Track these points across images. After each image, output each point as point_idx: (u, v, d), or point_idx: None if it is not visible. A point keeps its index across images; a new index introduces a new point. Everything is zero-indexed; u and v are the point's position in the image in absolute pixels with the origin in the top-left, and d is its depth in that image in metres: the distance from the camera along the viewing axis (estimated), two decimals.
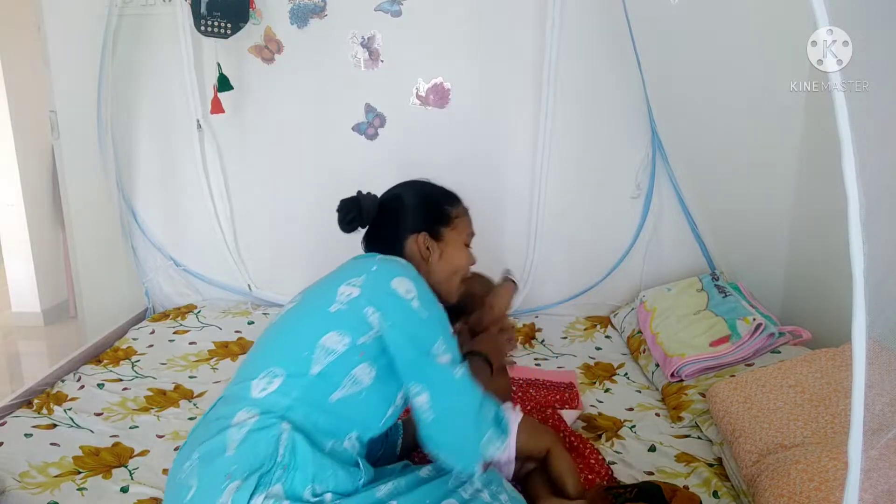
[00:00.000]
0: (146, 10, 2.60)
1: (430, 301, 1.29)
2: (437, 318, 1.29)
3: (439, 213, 1.47)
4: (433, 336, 1.25)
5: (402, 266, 1.32)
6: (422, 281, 1.31)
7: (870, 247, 0.84)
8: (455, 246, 1.46)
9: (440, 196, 1.50)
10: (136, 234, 2.86)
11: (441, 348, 1.25)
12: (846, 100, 0.86)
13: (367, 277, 1.28)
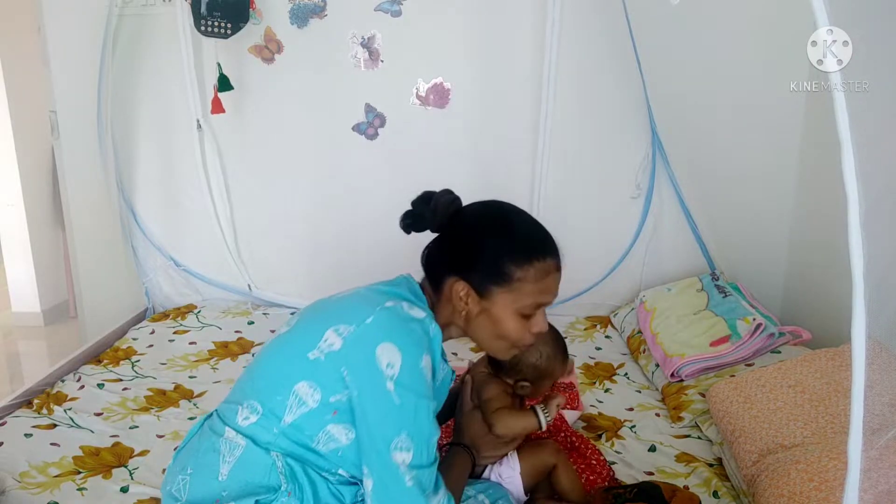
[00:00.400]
0: (146, 10, 2.60)
1: (414, 384, 1.08)
2: (412, 408, 1.08)
3: (496, 266, 1.16)
4: (398, 427, 1.07)
5: (403, 326, 1.11)
6: (416, 355, 1.09)
7: (869, 247, 0.84)
8: (505, 311, 1.17)
9: (510, 243, 1.17)
10: (136, 234, 2.86)
11: (403, 443, 1.06)
12: (846, 100, 0.86)
13: (355, 330, 1.11)
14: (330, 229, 2.77)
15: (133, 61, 2.68)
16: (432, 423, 1.10)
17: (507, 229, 1.18)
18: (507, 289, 1.15)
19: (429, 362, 1.11)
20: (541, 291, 1.16)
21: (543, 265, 1.16)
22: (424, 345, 1.11)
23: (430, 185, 2.95)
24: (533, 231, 1.20)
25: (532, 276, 1.15)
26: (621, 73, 2.48)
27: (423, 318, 1.15)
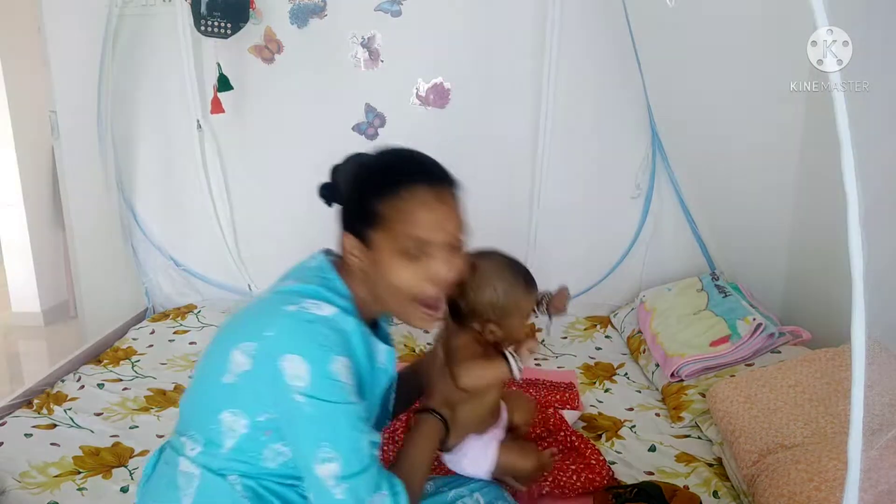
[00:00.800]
0: (146, 10, 2.60)
1: (327, 391, 0.98)
2: (328, 418, 0.98)
3: (362, 205, 1.05)
4: (317, 440, 0.98)
5: (306, 332, 1.00)
6: (324, 361, 0.98)
7: (869, 247, 0.84)
8: (389, 256, 1.03)
9: (375, 176, 1.07)
10: (136, 234, 2.86)
11: (326, 455, 0.98)
12: (846, 100, 0.86)
13: (258, 347, 1.01)
14: (330, 229, 2.76)
15: (133, 61, 2.68)
16: (358, 426, 1.00)
17: (375, 162, 1.11)
18: (383, 229, 1.03)
19: (344, 363, 1.00)
20: (418, 225, 1.02)
21: (414, 193, 1.02)
22: (335, 345, 1.00)
23: None
24: (402, 160, 1.09)
25: (403, 208, 1.02)
26: (621, 73, 2.48)
27: (332, 314, 1.03)
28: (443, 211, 1.04)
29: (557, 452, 1.38)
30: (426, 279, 1.04)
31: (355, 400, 1.01)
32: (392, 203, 1.02)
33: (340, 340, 1.02)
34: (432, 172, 1.07)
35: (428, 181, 1.05)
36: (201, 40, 2.57)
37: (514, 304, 1.25)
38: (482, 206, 2.83)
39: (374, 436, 1.04)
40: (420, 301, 1.06)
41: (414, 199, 1.02)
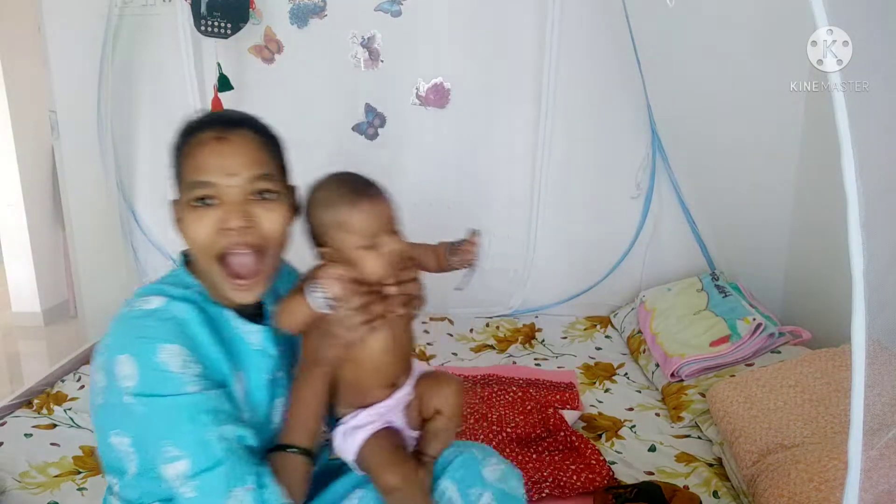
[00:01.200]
0: (146, 10, 2.60)
1: (157, 385, 0.91)
2: (164, 414, 0.91)
3: (173, 165, 1.01)
4: (157, 440, 0.92)
5: (132, 328, 0.95)
6: (150, 353, 0.92)
7: (869, 247, 0.84)
8: (183, 210, 0.98)
9: (179, 133, 1.02)
10: (136, 234, 2.86)
11: (171, 454, 0.91)
12: (846, 100, 0.86)
13: (102, 360, 0.96)
14: None
15: (133, 61, 2.68)
16: (200, 419, 0.92)
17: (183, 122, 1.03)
18: (179, 182, 0.99)
19: (174, 350, 0.92)
20: (195, 168, 0.96)
21: (197, 138, 0.98)
22: (161, 334, 0.93)
23: (429, 185, 2.97)
24: (200, 113, 1.03)
25: (187, 154, 0.98)
26: (621, 73, 2.48)
27: (159, 305, 0.97)
28: (224, 149, 0.96)
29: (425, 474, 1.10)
30: (216, 230, 0.96)
31: (195, 390, 0.92)
32: (182, 151, 0.99)
33: (169, 328, 0.95)
34: (223, 116, 1.02)
35: (214, 124, 0.98)
36: (201, 40, 2.57)
37: (334, 219, 1.03)
38: (482, 205, 2.87)
39: (231, 427, 0.94)
40: (220, 260, 0.97)
41: (195, 142, 0.97)
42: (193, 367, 0.94)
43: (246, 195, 0.96)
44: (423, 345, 2.50)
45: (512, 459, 1.72)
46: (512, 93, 2.61)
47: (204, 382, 0.94)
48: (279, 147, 1.04)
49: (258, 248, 0.98)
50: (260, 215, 0.97)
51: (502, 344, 2.52)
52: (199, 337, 0.98)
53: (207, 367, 0.96)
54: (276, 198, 0.99)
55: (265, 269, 0.99)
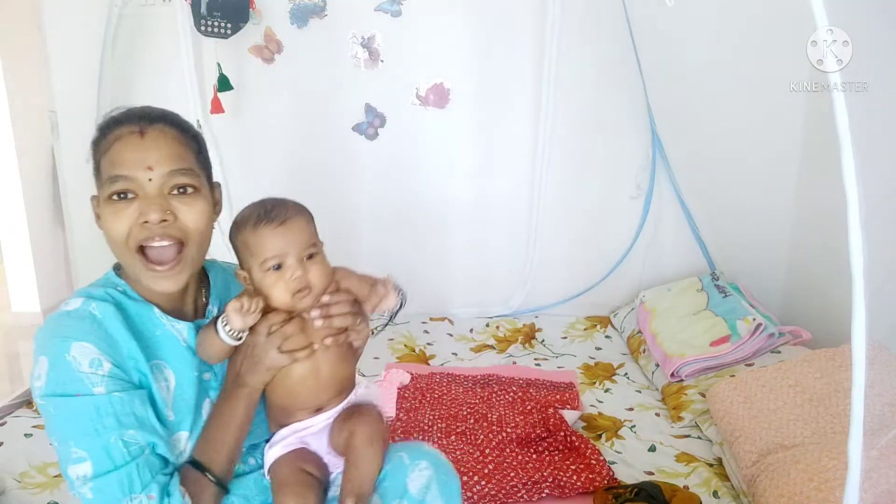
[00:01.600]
0: (146, 10, 2.60)
1: (64, 384, 0.91)
2: (66, 414, 0.91)
3: (93, 160, 1.01)
4: (63, 440, 0.92)
5: (50, 330, 0.95)
6: (60, 352, 0.92)
7: (869, 247, 0.84)
8: (101, 204, 0.98)
9: (99, 128, 1.01)
10: None
11: (75, 455, 0.91)
12: (846, 100, 0.86)
13: (33, 353, 0.97)
14: (329, 229, 2.76)
15: (133, 61, 2.68)
16: (105, 421, 0.91)
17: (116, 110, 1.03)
18: (98, 177, 0.99)
19: (86, 347, 0.92)
20: (112, 162, 0.96)
21: (113, 134, 0.98)
22: (73, 332, 0.93)
23: (429, 185, 2.97)
24: (120, 109, 1.02)
25: (104, 148, 0.98)
26: (621, 74, 2.48)
27: (78, 305, 0.97)
28: (142, 144, 0.96)
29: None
30: (134, 223, 0.96)
31: (101, 391, 0.92)
32: (101, 146, 0.98)
33: (83, 325, 0.95)
34: (143, 112, 1.00)
35: (132, 119, 0.98)
36: (201, 40, 2.57)
37: (242, 241, 1.04)
38: (481, 205, 2.86)
39: (138, 433, 0.93)
40: (139, 251, 0.97)
41: (112, 137, 0.97)
42: (104, 365, 0.93)
43: (164, 189, 0.97)
44: (424, 345, 2.50)
45: (512, 459, 1.72)
46: (512, 93, 2.61)
47: (113, 383, 0.93)
48: (199, 143, 1.05)
49: (178, 241, 0.98)
50: (179, 209, 0.98)
51: (502, 344, 2.52)
52: (116, 333, 0.97)
53: (121, 364, 0.96)
54: (195, 192, 1.00)
55: (185, 259, 0.99)
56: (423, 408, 2.03)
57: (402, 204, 2.75)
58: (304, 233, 1.05)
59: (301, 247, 1.04)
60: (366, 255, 2.75)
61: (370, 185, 2.73)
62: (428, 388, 2.14)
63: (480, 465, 1.71)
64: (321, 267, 1.05)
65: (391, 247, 2.78)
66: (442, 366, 2.35)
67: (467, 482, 1.64)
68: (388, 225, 2.77)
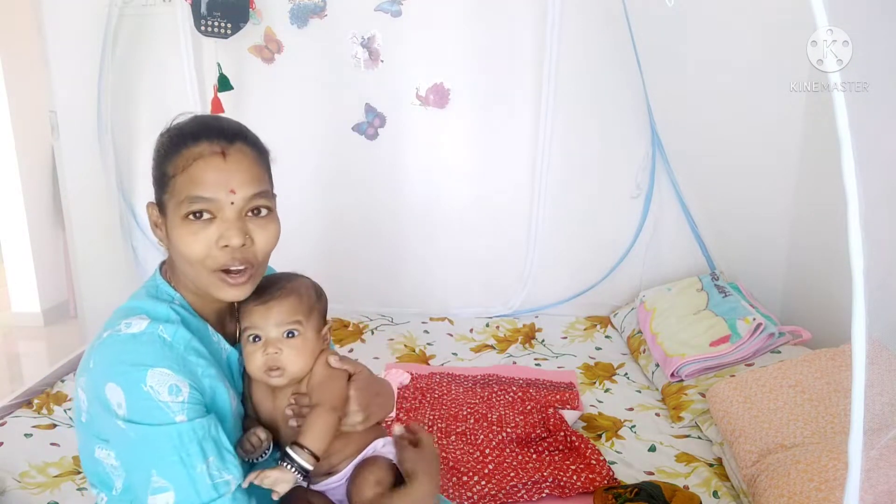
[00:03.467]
0: (146, 10, 2.60)
1: (144, 414, 0.89)
2: (151, 443, 0.89)
3: (159, 169, 1.00)
4: (146, 469, 0.90)
5: (119, 355, 0.93)
6: (137, 381, 0.90)
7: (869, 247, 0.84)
8: (174, 219, 0.97)
9: (166, 137, 1.01)
10: (136, 234, 2.86)
11: (157, 485, 0.89)
12: (846, 100, 0.86)
13: (87, 381, 0.95)
14: (329, 229, 2.77)
15: (133, 61, 2.68)
16: (189, 450, 0.89)
17: (169, 128, 1.02)
18: (170, 190, 0.97)
19: (163, 373, 0.90)
20: (194, 182, 0.94)
21: (191, 151, 0.96)
22: (149, 358, 0.91)
23: (429, 185, 2.97)
24: (191, 121, 1.01)
25: (181, 167, 0.96)
26: (621, 73, 2.48)
27: (144, 328, 0.95)
28: (226, 166, 0.95)
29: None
30: (213, 245, 0.95)
31: (183, 419, 0.90)
32: (176, 160, 0.97)
33: (155, 351, 0.93)
34: (221, 127, 0.99)
35: (213, 136, 0.96)
36: (201, 40, 2.57)
37: (236, 308, 1.05)
38: (481, 205, 2.86)
39: (221, 463, 0.92)
40: (212, 269, 0.96)
41: (193, 152, 0.95)
42: (183, 391, 0.91)
43: (243, 212, 0.97)
44: (424, 345, 2.50)
45: (512, 459, 1.72)
46: (512, 93, 2.61)
47: (193, 410, 0.91)
48: (269, 160, 1.06)
49: (252, 263, 0.98)
50: (255, 231, 0.97)
51: (502, 344, 2.52)
52: (188, 354, 0.96)
53: (198, 385, 0.94)
54: (269, 214, 1.00)
55: (256, 275, 1.00)
56: (423, 408, 2.03)
57: (402, 204, 2.75)
58: (287, 313, 1.02)
59: (280, 325, 1.02)
60: (366, 256, 2.76)
61: (370, 185, 2.73)
62: (428, 388, 2.14)
63: (480, 465, 1.71)
64: (298, 350, 1.02)
65: (391, 247, 2.78)
66: (442, 366, 2.35)
67: (467, 482, 1.64)
68: (388, 225, 2.77)
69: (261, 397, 1.06)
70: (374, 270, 2.80)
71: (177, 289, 1.03)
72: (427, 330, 2.62)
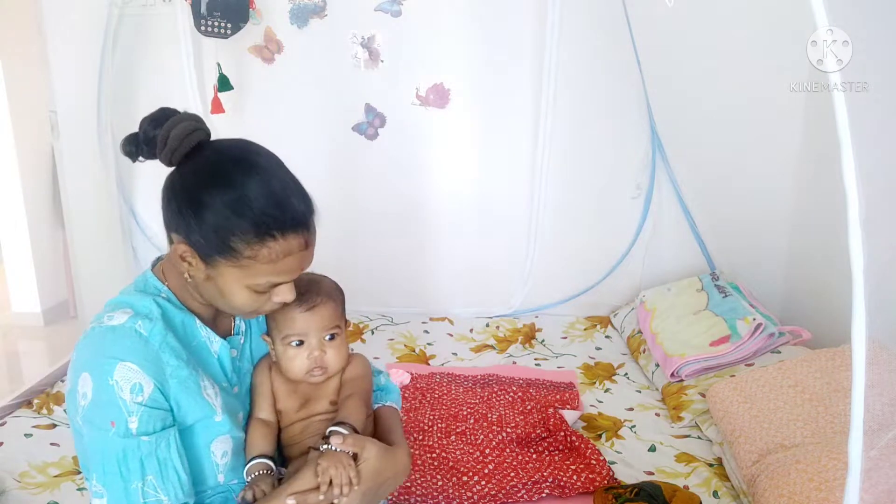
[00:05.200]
0: (146, 10, 2.60)
1: (100, 415, 0.90)
2: (98, 447, 0.90)
3: (220, 238, 0.92)
4: (91, 467, 0.91)
5: (96, 346, 0.93)
6: (105, 373, 0.90)
7: (869, 247, 0.84)
8: (234, 286, 0.96)
9: (239, 215, 0.92)
10: (136, 234, 2.86)
11: (96, 487, 0.90)
12: (846, 100, 0.86)
13: (70, 372, 0.96)
14: (329, 229, 2.76)
15: (133, 61, 2.68)
16: (130, 463, 0.90)
17: (238, 194, 0.92)
18: (235, 264, 0.93)
19: (129, 371, 0.90)
20: (276, 273, 0.95)
21: (280, 246, 0.93)
22: (120, 352, 0.91)
23: (429, 185, 2.96)
24: (271, 202, 0.94)
25: (265, 258, 0.93)
26: (621, 73, 2.48)
27: (124, 321, 0.94)
28: (307, 254, 1.00)
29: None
30: (268, 302, 0.99)
31: (136, 427, 0.90)
32: (256, 247, 0.93)
33: (128, 343, 0.93)
34: (304, 219, 0.99)
35: (297, 233, 0.96)
36: (201, 40, 2.57)
37: (270, 315, 1.08)
38: (481, 206, 2.86)
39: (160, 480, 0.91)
40: (259, 313, 1.03)
41: (280, 251, 0.94)
42: (145, 391, 0.91)
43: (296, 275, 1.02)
44: (424, 345, 2.50)
45: (512, 459, 1.72)
46: (512, 93, 2.61)
47: (147, 415, 0.91)
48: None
49: None
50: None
51: (502, 344, 2.52)
52: (163, 351, 0.95)
53: (163, 384, 0.94)
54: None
55: None
56: (423, 408, 2.03)
57: (402, 204, 2.75)
58: (328, 317, 1.09)
59: (323, 329, 1.08)
60: (366, 256, 2.76)
61: (370, 185, 2.73)
62: (428, 388, 2.14)
63: (480, 465, 1.71)
64: (339, 351, 1.10)
65: (391, 247, 2.78)
66: (442, 366, 2.35)
67: (467, 482, 1.64)
68: (388, 225, 2.77)
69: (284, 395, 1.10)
70: (374, 270, 2.80)
71: (168, 285, 1.02)
72: (427, 330, 2.62)
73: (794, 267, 2.54)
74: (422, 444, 1.82)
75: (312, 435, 1.09)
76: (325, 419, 1.09)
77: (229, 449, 1.02)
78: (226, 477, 1.02)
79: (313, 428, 1.09)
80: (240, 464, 1.04)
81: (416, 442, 1.83)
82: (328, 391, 1.11)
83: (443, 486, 1.63)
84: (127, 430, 0.90)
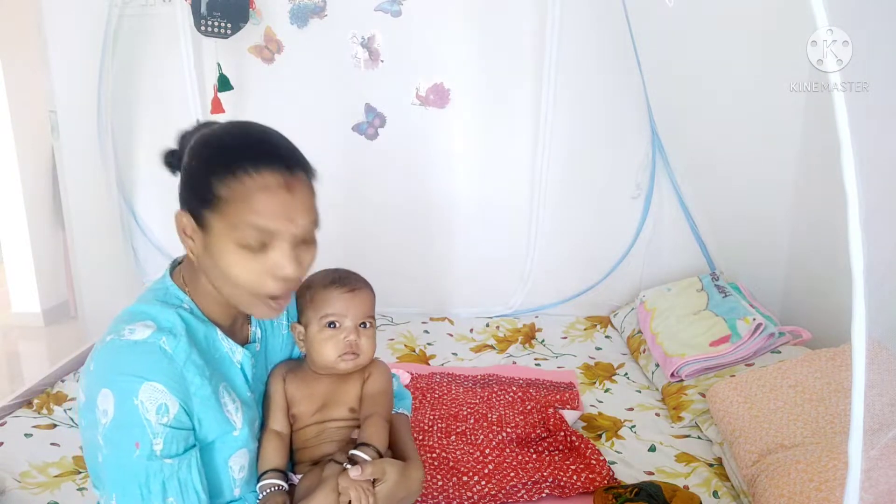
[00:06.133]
0: (146, 10, 2.60)
1: (123, 434, 0.88)
2: (119, 467, 0.89)
3: (201, 182, 0.92)
4: (111, 486, 0.90)
5: (116, 362, 0.91)
6: (129, 392, 0.88)
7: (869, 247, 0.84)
8: (225, 244, 0.92)
9: (215, 151, 0.93)
10: (136, 234, 2.86)
11: None
12: (846, 100, 0.86)
13: (86, 383, 0.93)
14: (330, 229, 2.77)
15: (133, 61, 2.68)
16: (150, 485, 0.88)
17: (216, 137, 0.94)
18: (221, 212, 0.90)
19: (155, 391, 0.89)
20: (257, 213, 0.89)
21: (255, 182, 0.89)
22: (145, 371, 0.89)
23: (429, 185, 2.96)
24: (246, 140, 0.94)
25: (244, 192, 0.89)
26: (621, 74, 2.48)
27: (146, 336, 0.92)
28: (290, 199, 0.92)
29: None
30: (266, 274, 0.93)
31: (161, 448, 0.89)
32: (232, 185, 0.89)
33: (152, 361, 0.90)
34: (282, 155, 0.94)
35: (275, 164, 0.91)
36: (201, 40, 2.57)
37: (309, 298, 1.10)
38: (481, 205, 2.86)
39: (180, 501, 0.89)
40: (261, 297, 0.95)
41: (257, 182, 0.89)
42: (171, 411, 0.90)
43: (298, 242, 0.95)
44: (424, 345, 2.50)
45: (512, 459, 1.72)
46: (512, 93, 2.61)
47: (171, 437, 0.90)
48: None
49: (294, 288, 0.99)
50: (303, 256, 0.97)
51: (502, 344, 2.52)
52: (187, 368, 0.94)
53: (187, 403, 0.93)
54: (312, 241, 1.00)
55: (291, 296, 1.02)
56: (423, 408, 2.03)
57: (401, 204, 2.75)
58: (366, 304, 1.12)
59: (361, 315, 1.10)
60: (366, 256, 2.75)
61: (370, 186, 2.73)
62: (428, 388, 2.14)
63: (480, 465, 1.71)
64: (371, 339, 1.11)
65: (391, 247, 2.78)
66: (442, 366, 2.35)
67: (467, 482, 1.64)
68: (389, 225, 2.77)
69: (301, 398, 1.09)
70: (373, 270, 2.78)
71: (189, 292, 1.00)
72: (427, 330, 2.62)
73: (794, 267, 2.54)
74: (422, 444, 1.82)
75: (327, 441, 1.08)
76: (343, 427, 1.08)
77: (246, 463, 1.02)
78: (242, 490, 1.02)
79: (329, 434, 1.08)
80: (255, 476, 1.04)
81: (417, 442, 1.83)
82: (348, 398, 1.10)
83: (443, 486, 1.63)
84: (151, 452, 0.88)
